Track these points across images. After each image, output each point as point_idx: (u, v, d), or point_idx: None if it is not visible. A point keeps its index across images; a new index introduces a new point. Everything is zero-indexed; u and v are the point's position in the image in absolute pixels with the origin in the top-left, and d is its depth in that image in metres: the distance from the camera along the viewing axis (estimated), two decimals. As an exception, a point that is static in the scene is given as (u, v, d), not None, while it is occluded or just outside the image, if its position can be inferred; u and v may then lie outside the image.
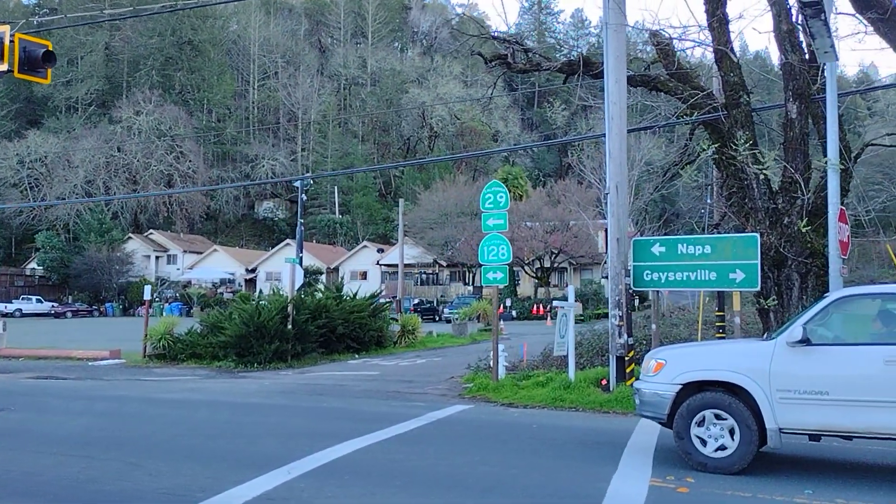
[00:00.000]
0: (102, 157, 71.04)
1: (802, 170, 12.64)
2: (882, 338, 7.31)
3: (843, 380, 7.10)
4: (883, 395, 6.90)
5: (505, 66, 15.01)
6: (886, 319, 7.45)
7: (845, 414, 7.02)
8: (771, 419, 7.26)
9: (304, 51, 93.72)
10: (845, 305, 7.68)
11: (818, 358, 7.25)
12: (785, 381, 7.26)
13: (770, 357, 7.41)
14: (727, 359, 7.79)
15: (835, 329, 7.55)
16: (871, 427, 7.02)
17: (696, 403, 7.60)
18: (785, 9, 12.81)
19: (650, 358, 8.34)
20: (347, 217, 79.69)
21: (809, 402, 7.13)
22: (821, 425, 7.18)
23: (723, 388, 7.59)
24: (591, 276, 52.91)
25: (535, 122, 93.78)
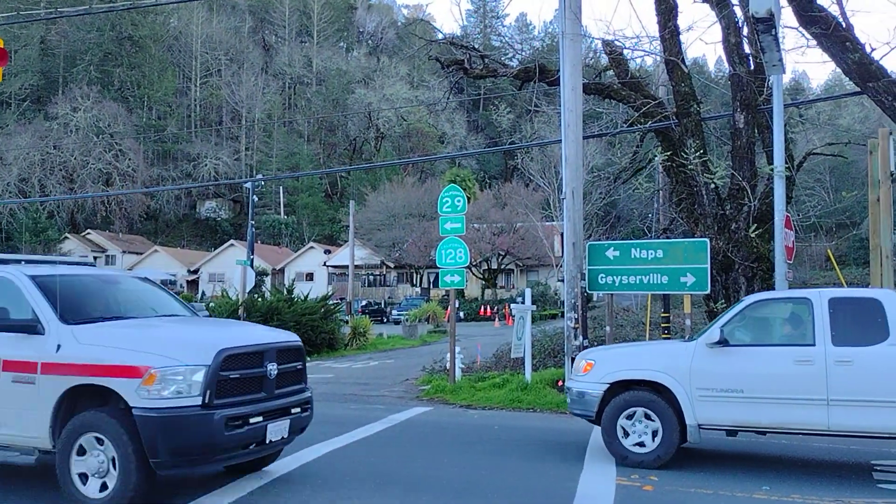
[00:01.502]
0: (37, 154, 68.79)
1: (749, 177, 13.15)
2: (792, 339, 7.84)
3: (757, 378, 7.57)
4: (792, 392, 7.41)
5: (462, 72, 15.19)
6: (796, 322, 7.97)
7: (758, 410, 7.53)
8: (691, 415, 7.71)
9: (248, 48, 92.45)
10: (760, 309, 8.24)
11: (734, 358, 7.73)
12: (704, 380, 7.72)
13: (691, 357, 7.88)
14: (651, 359, 8.25)
15: (750, 331, 8.03)
16: (781, 423, 7.54)
17: (622, 401, 8.03)
18: (733, 22, 13.31)
19: (580, 359, 8.78)
20: (293, 217, 78.94)
21: (726, 400, 7.61)
22: (736, 421, 7.69)
23: (648, 386, 8.03)
24: (538, 278, 53.58)
25: (480, 124, 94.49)
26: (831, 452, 8.84)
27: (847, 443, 9.35)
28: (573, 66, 13.13)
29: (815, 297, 7.75)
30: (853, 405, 7.21)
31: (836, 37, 10.85)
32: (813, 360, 7.37)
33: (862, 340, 7.37)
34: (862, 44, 10.83)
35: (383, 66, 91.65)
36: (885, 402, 7.12)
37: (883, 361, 7.22)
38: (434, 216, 36.03)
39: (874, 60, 10.80)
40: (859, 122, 48.12)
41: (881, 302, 7.50)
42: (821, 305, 7.61)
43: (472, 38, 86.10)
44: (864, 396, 7.19)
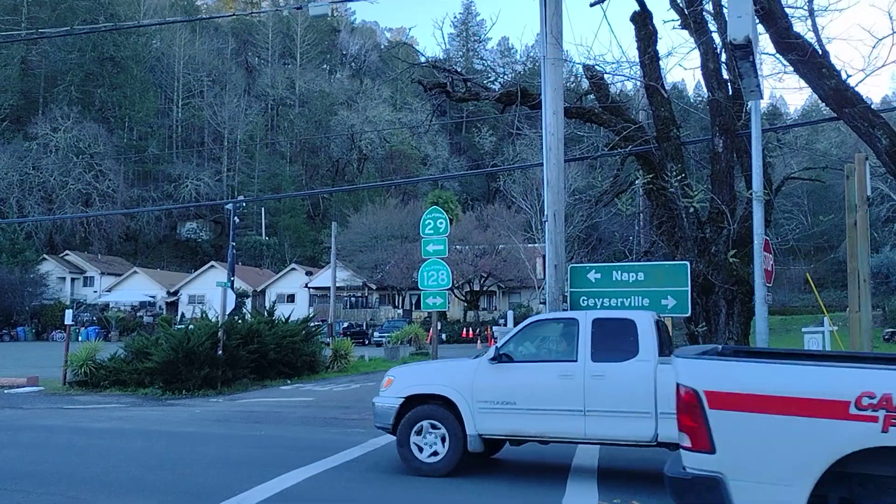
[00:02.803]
0: (16, 174, 68.15)
1: (728, 201, 13.27)
2: (560, 355, 8.54)
3: (527, 392, 8.22)
4: (556, 404, 8.06)
5: (445, 95, 15.24)
6: (565, 340, 8.61)
7: (528, 421, 8.16)
8: (472, 426, 8.31)
9: (231, 70, 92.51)
10: (537, 328, 8.96)
11: (510, 373, 8.38)
12: (484, 394, 8.35)
13: (474, 373, 8.51)
14: (442, 375, 8.83)
15: (526, 348, 8.72)
16: (546, 432, 8.17)
17: (414, 415, 8.60)
18: (712, 48, 13.50)
19: (386, 375, 9.25)
20: (275, 239, 78.58)
21: (502, 411, 8.26)
22: (511, 431, 8.31)
23: (439, 400, 8.57)
24: (521, 300, 53.59)
25: (463, 146, 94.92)
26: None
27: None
28: (554, 90, 13.24)
29: (581, 318, 8.46)
30: (605, 415, 7.87)
31: (813, 63, 11.03)
32: (573, 375, 8.05)
33: (616, 357, 8.06)
34: (838, 70, 11.01)
35: (366, 88, 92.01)
36: (630, 413, 7.77)
37: (630, 376, 7.91)
38: (416, 238, 36.06)
39: (850, 87, 10.98)
40: (836, 147, 48.83)
41: (635, 322, 8.23)
42: (585, 325, 8.30)
43: (454, 62, 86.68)
44: (614, 407, 7.85)
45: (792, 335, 29.90)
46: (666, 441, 7.78)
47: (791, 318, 41.78)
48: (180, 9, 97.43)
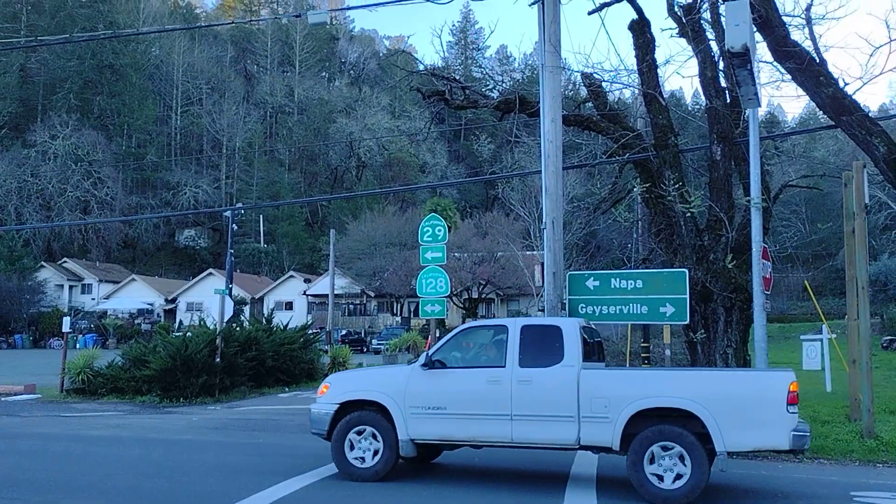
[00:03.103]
0: (14, 182, 68.10)
1: (726, 209, 13.30)
2: (489, 361, 8.65)
3: (457, 397, 8.38)
4: (484, 409, 8.24)
5: (443, 102, 15.27)
6: (495, 347, 8.76)
7: (458, 426, 8.33)
8: (404, 431, 8.45)
9: (230, 77, 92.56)
10: (468, 335, 9.16)
11: (441, 379, 8.52)
12: (415, 399, 8.49)
13: (407, 379, 8.66)
14: (376, 381, 8.98)
15: (458, 354, 8.82)
16: (475, 436, 8.34)
17: (349, 421, 8.70)
18: (709, 56, 13.55)
19: (323, 382, 9.36)
20: (273, 246, 78.51)
21: (432, 416, 8.40)
22: (441, 435, 8.48)
23: (373, 406, 8.69)
24: (519, 307, 53.55)
25: (461, 153, 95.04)
26: (810, 484, 8.84)
27: (825, 473, 9.37)
28: (553, 97, 13.26)
29: (510, 325, 8.64)
30: (530, 420, 8.06)
31: (811, 72, 11.08)
32: (501, 381, 8.22)
33: (542, 362, 8.23)
34: (835, 78, 11.06)
35: (365, 96, 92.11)
36: (554, 417, 7.96)
37: (554, 381, 8.08)
38: (415, 245, 36.06)
39: (847, 95, 11.03)
40: (833, 155, 48.92)
41: (561, 328, 8.42)
42: (514, 332, 8.48)
43: (453, 70, 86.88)
44: (539, 412, 8.04)
45: (790, 343, 29.90)
46: (588, 444, 7.96)
47: (789, 325, 41.79)
48: (179, 17, 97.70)
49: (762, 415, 7.39)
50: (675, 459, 7.48)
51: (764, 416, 7.38)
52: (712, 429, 7.36)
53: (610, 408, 7.78)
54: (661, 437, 7.55)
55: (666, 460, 7.51)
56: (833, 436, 11.10)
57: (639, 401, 7.71)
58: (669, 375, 8.62)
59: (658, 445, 7.53)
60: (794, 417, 7.39)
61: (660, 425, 7.60)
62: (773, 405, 7.38)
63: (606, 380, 8.15)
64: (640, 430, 7.65)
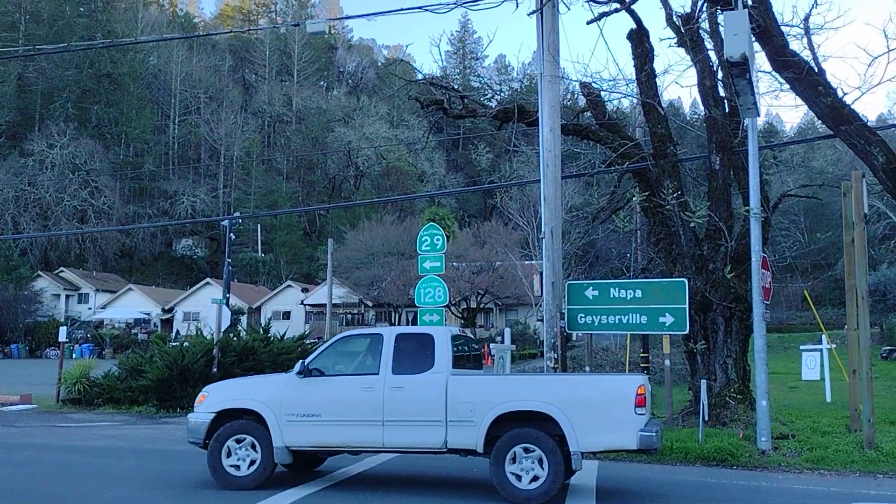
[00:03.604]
0: (11, 191, 67.98)
1: (726, 218, 13.29)
2: (364, 369, 8.88)
3: (331, 404, 8.58)
4: (358, 415, 8.42)
5: (442, 112, 15.29)
6: (370, 354, 8.96)
7: (332, 432, 8.51)
8: (279, 439, 8.58)
9: (228, 87, 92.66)
10: (345, 344, 9.40)
11: (317, 387, 8.70)
12: (291, 407, 8.65)
13: (283, 387, 8.84)
14: (252, 389, 9.09)
15: (334, 363, 9.00)
16: (348, 442, 8.53)
17: (226, 429, 8.78)
18: (708, 66, 13.56)
19: (202, 391, 9.44)
20: (270, 256, 78.40)
21: (307, 423, 8.56)
22: (316, 442, 8.61)
23: (251, 415, 8.78)
24: (518, 317, 53.48)
25: (460, 163, 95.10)
26: (810, 495, 8.78)
27: (825, 483, 9.31)
28: (551, 107, 13.28)
29: (386, 333, 8.92)
30: (401, 425, 8.29)
31: (809, 81, 11.09)
32: (374, 387, 8.45)
33: (415, 369, 8.49)
34: (834, 88, 11.07)
35: (363, 105, 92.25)
36: (424, 421, 8.22)
37: (425, 387, 8.35)
38: (413, 255, 36.00)
39: (846, 105, 11.03)
40: (832, 165, 49.07)
41: (433, 336, 8.69)
42: (389, 340, 8.74)
43: (451, 79, 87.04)
44: (409, 417, 8.28)
45: (790, 353, 29.87)
46: (456, 447, 8.18)
47: (788, 335, 41.74)
48: (178, 26, 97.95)
49: (612, 417, 7.84)
50: (533, 460, 7.84)
51: (614, 418, 7.83)
52: (567, 430, 7.77)
53: (475, 412, 8.11)
54: (521, 440, 7.91)
55: (526, 461, 7.88)
56: (833, 446, 11.04)
57: (501, 405, 8.07)
58: (530, 380, 9.14)
59: (518, 447, 7.88)
60: (642, 419, 7.82)
61: (520, 428, 7.95)
62: (623, 408, 7.81)
63: (472, 385, 8.46)
64: (503, 433, 7.99)
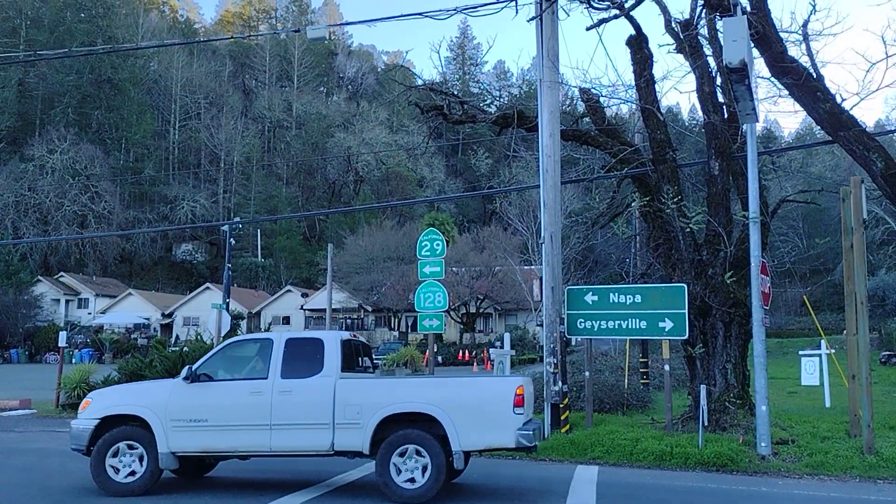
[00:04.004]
0: (11, 196, 68.02)
1: (725, 223, 13.30)
2: (253, 374, 8.89)
3: (219, 409, 8.57)
4: (246, 420, 8.46)
5: (441, 117, 15.31)
6: (260, 359, 8.97)
7: (219, 437, 8.52)
8: (164, 444, 8.54)
9: (228, 92, 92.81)
10: (236, 348, 9.42)
11: (205, 392, 8.69)
12: (177, 412, 8.61)
13: (170, 392, 8.80)
14: (138, 395, 9.08)
15: (223, 368, 9.01)
16: (236, 447, 8.55)
17: (110, 436, 8.70)
18: (707, 72, 13.60)
19: (86, 397, 9.35)
20: (270, 261, 78.39)
21: (194, 429, 8.53)
22: (202, 447, 8.61)
23: (136, 421, 8.72)
24: (517, 322, 53.47)
25: (459, 168, 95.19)
26: (810, 500, 8.79)
27: (825, 489, 9.31)
28: (551, 112, 13.31)
29: (276, 338, 8.95)
30: (289, 428, 8.36)
31: (808, 87, 11.12)
32: (263, 392, 8.50)
33: (303, 373, 8.58)
34: (832, 94, 11.10)
35: (363, 110, 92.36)
36: (311, 425, 8.31)
37: (313, 391, 8.44)
38: (412, 260, 36.02)
39: (845, 110, 11.06)
40: (830, 170, 49.11)
41: (322, 341, 8.81)
42: (279, 345, 8.79)
43: (451, 85, 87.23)
44: (297, 420, 8.36)
45: (789, 358, 29.86)
46: (343, 450, 8.27)
47: (787, 340, 41.70)
48: (178, 32, 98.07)
49: (492, 417, 8.10)
50: (417, 460, 8.01)
51: (494, 418, 8.10)
52: (450, 431, 8.01)
53: (362, 414, 8.26)
54: (405, 441, 8.10)
55: (410, 461, 8.05)
56: (833, 452, 11.04)
57: (387, 407, 8.24)
58: (415, 383, 9.51)
59: (403, 448, 8.05)
60: (520, 418, 8.11)
61: (405, 430, 8.13)
62: (502, 408, 8.09)
63: (360, 388, 8.57)
64: (388, 434, 8.16)
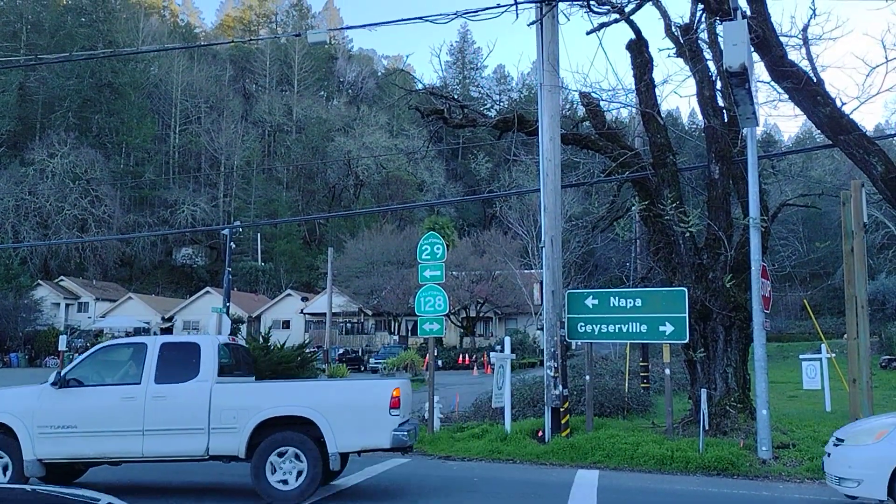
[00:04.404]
0: (12, 200, 68.05)
1: (725, 227, 13.30)
2: (126, 378, 8.83)
3: (90, 415, 8.48)
4: (117, 425, 8.39)
5: (442, 121, 15.33)
6: (134, 364, 8.90)
7: (89, 443, 8.39)
8: (30, 452, 8.42)
9: (229, 96, 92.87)
10: (108, 353, 9.36)
11: (75, 398, 8.58)
12: (45, 418, 8.49)
13: (38, 398, 8.67)
14: (4, 401, 8.89)
15: (95, 373, 8.83)
16: (106, 453, 8.49)
17: None
18: (707, 76, 13.61)
19: None
20: (270, 265, 78.39)
21: (62, 435, 8.42)
22: (71, 454, 8.53)
23: (1, 427, 8.59)
24: (517, 326, 53.42)
25: (459, 172, 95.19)
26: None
27: (826, 493, 9.29)
28: (551, 116, 13.32)
29: (150, 343, 8.92)
30: (162, 434, 8.32)
31: (808, 91, 11.12)
32: (136, 397, 8.43)
33: (178, 378, 8.55)
34: (832, 98, 11.09)
35: (363, 114, 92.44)
36: (186, 430, 8.30)
37: (188, 395, 8.43)
38: (412, 263, 36.00)
39: (845, 114, 11.06)
40: (830, 174, 49.09)
41: (199, 345, 8.80)
42: (154, 350, 8.75)
43: (451, 89, 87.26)
44: (171, 426, 8.34)
45: (789, 362, 29.82)
46: (218, 454, 8.29)
47: (787, 344, 41.70)
48: (178, 36, 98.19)
49: (369, 419, 8.28)
50: (293, 462, 8.11)
51: (370, 420, 8.27)
52: (326, 433, 8.15)
53: (238, 418, 8.30)
54: (282, 443, 8.21)
55: (286, 464, 8.20)
56: (834, 456, 11.00)
57: (265, 411, 8.31)
58: (293, 387, 9.54)
59: (279, 451, 8.18)
60: (396, 420, 8.29)
61: (282, 433, 8.24)
62: (378, 410, 8.27)
63: (236, 393, 8.60)
64: (265, 437, 8.24)
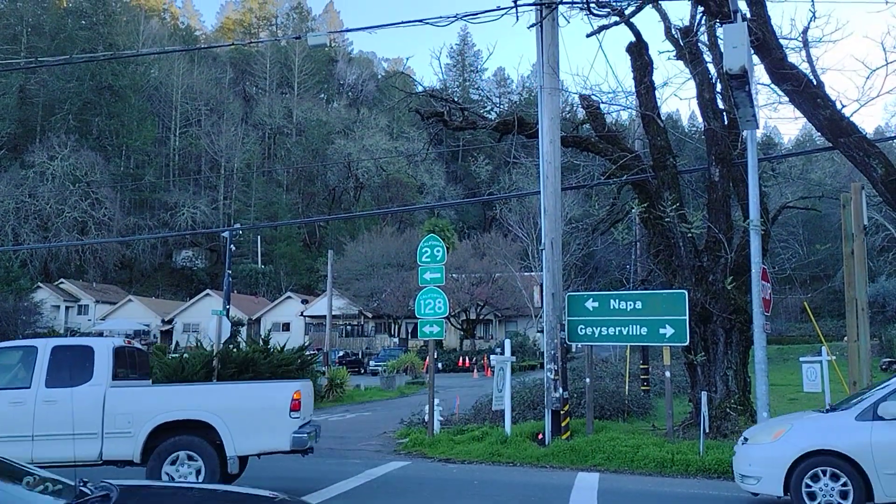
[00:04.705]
0: (12, 202, 68.06)
1: (725, 230, 13.30)
2: (15, 382, 8.57)
3: None
4: (4, 431, 8.15)
5: (442, 124, 15.32)
6: (23, 367, 8.70)
7: None
8: None
9: (229, 99, 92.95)
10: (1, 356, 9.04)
11: None
12: None
13: None
14: None
15: None
16: None
17: None
18: (707, 78, 13.62)
19: None
20: (270, 267, 78.39)
21: None
22: None
23: None
24: (517, 328, 53.40)
25: (459, 174, 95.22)
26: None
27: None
28: (551, 119, 13.32)
29: (40, 346, 8.70)
30: (54, 439, 8.14)
31: (808, 94, 11.11)
32: (25, 402, 8.23)
33: (71, 382, 8.36)
34: (832, 101, 11.09)
35: (363, 117, 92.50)
36: (78, 435, 8.13)
37: (80, 400, 8.23)
38: (412, 266, 36.00)
39: (845, 117, 11.05)
40: (830, 177, 49.16)
41: (93, 348, 8.64)
42: (44, 353, 8.54)
43: (451, 92, 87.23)
44: (63, 430, 8.14)
45: (789, 365, 29.78)
46: (111, 458, 8.20)
47: (788, 347, 41.68)
48: (179, 38, 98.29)
49: (268, 421, 8.30)
50: (190, 466, 8.09)
51: (270, 423, 8.30)
52: (225, 437, 8.13)
53: (133, 423, 8.22)
54: (178, 447, 8.17)
55: (183, 467, 8.17)
56: (835, 458, 10.98)
57: (161, 414, 8.25)
58: (191, 390, 9.51)
59: (176, 455, 8.13)
60: (296, 422, 8.30)
61: (179, 436, 8.12)
62: (278, 413, 8.29)
63: (132, 397, 8.51)
64: (161, 442, 8.19)
